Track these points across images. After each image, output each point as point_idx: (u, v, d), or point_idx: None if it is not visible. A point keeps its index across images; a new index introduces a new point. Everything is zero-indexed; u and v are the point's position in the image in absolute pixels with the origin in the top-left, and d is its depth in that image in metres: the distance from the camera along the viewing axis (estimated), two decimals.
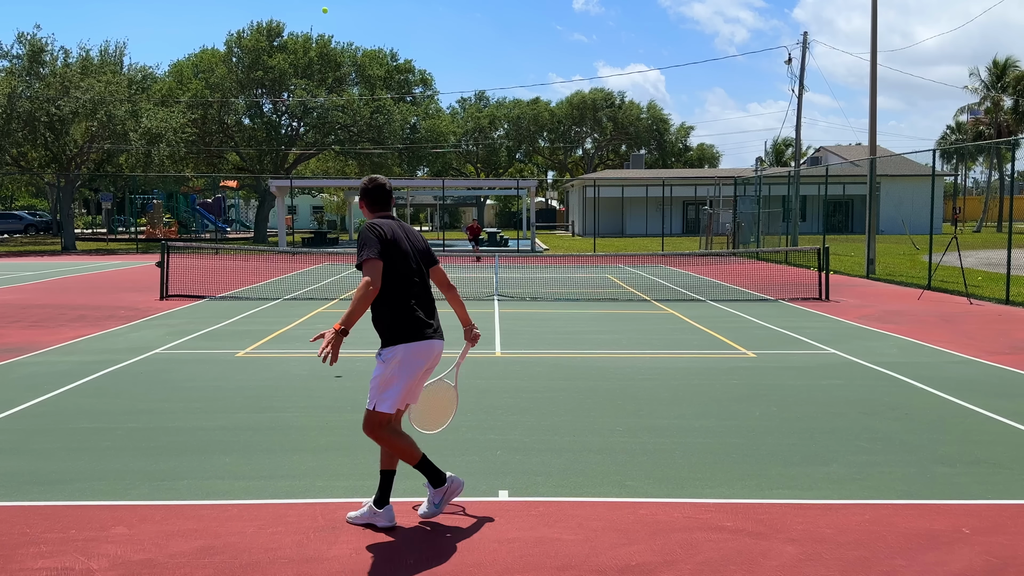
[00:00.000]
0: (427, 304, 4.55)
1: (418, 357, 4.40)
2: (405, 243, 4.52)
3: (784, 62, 31.56)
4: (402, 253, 4.46)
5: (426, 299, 4.56)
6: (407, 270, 4.47)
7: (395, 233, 4.48)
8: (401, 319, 4.40)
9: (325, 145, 45.96)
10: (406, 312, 4.41)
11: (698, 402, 7.31)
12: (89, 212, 65.97)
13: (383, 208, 4.66)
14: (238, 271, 22.48)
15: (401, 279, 4.43)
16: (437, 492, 4.53)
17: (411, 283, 4.48)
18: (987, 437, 6.23)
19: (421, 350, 4.40)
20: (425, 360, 4.44)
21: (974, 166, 77.34)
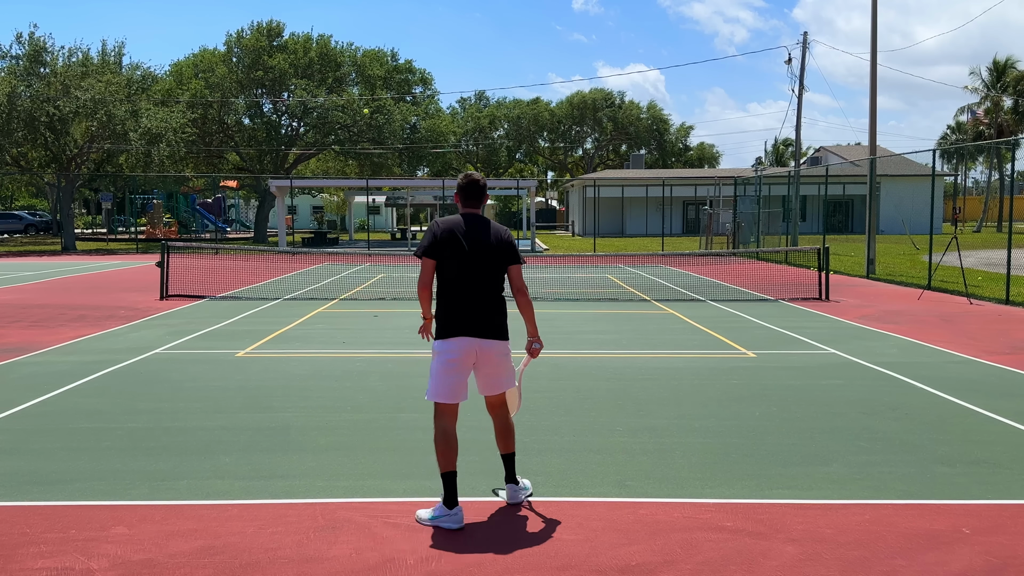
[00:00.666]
0: (475, 302, 4.59)
1: (449, 353, 4.55)
2: (463, 242, 4.58)
3: (784, 62, 31.59)
4: (455, 252, 4.57)
5: (476, 297, 4.60)
6: (456, 268, 4.58)
7: (452, 232, 4.59)
8: (440, 315, 4.62)
9: (325, 145, 45.96)
10: (444, 309, 4.60)
11: (698, 402, 7.31)
12: (89, 212, 65.99)
13: (472, 204, 4.77)
14: (238, 271, 22.48)
15: (447, 277, 4.60)
16: (440, 508, 4.53)
17: (458, 281, 4.58)
18: (987, 437, 6.23)
19: (451, 347, 4.55)
20: (457, 356, 4.55)
21: (974, 166, 77.39)
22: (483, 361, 4.65)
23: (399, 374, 8.54)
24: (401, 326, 12.07)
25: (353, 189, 47.70)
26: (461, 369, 4.60)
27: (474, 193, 4.78)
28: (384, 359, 9.40)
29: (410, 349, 10.07)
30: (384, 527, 4.44)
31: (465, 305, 4.59)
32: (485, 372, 4.69)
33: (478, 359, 4.63)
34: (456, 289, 4.59)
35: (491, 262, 4.64)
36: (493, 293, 4.68)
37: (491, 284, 4.67)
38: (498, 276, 4.70)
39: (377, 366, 8.97)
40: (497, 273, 4.68)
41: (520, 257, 4.79)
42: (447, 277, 4.60)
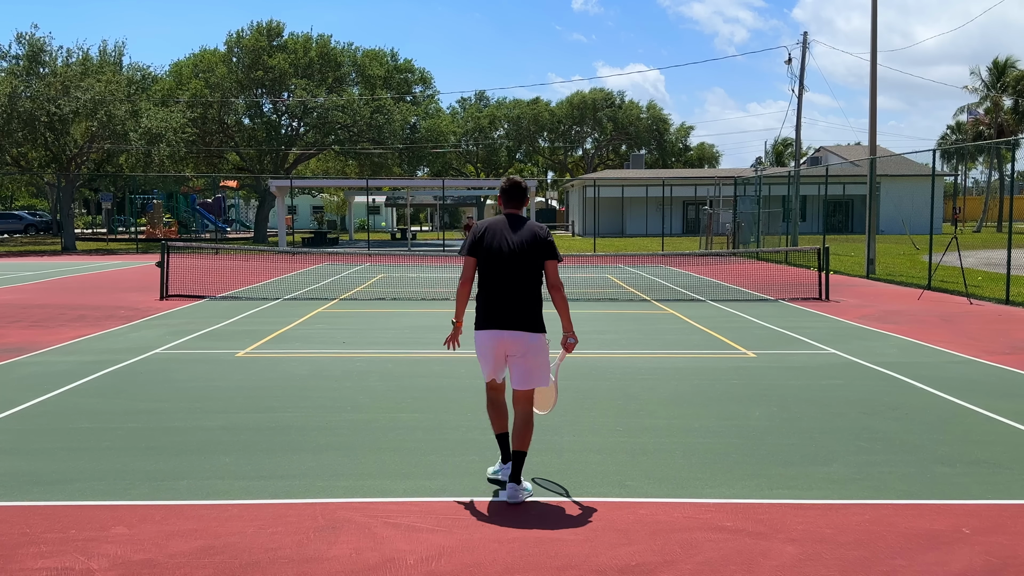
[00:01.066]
0: (506, 296, 4.88)
1: (483, 342, 4.97)
2: (500, 241, 4.91)
3: (784, 62, 31.60)
4: (491, 251, 4.91)
5: (507, 292, 4.88)
6: (489, 266, 4.92)
7: (489, 231, 4.95)
8: (477, 308, 5.01)
9: (325, 145, 45.96)
10: (480, 303, 4.99)
11: (698, 402, 7.31)
12: (89, 212, 65.99)
13: (514, 205, 5.08)
14: (238, 271, 22.48)
15: (483, 274, 4.97)
16: (499, 464, 5.15)
17: (490, 278, 4.93)
18: (987, 437, 6.23)
19: (483, 337, 4.96)
20: (490, 345, 4.93)
21: (974, 166, 77.38)
22: (512, 352, 4.89)
23: (399, 374, 8.54)
24: (401, 326, 12.07)
25: (353, 189, 47.74)
26: (492, 357, 4.94)
27: (515, 195, 5.07)
28: (384, 359, 9.40)
29: (410, 349, 10.07)
30: (384, 527, 4.44)
31: (496, 300, 4.89)
32: (516, 364, 4.92)
33: (508, 350, 4.90)
34: (490, 285, 4.92)
35: (525, 259, 4.88)
36: (525, 288, 4.90)
37: (523, 280, 4.90)
38: (532, 272, 4.91)
39: (377, 366, 8.97)
40: (530, 270, 4.90)
41: (556, 254, 4.97)
42: (483, 274, 4.95)
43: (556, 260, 4.97)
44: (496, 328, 4.87)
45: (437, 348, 10.10)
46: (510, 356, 4.90)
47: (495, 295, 4.89)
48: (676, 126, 79.15)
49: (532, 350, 4.88)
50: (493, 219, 5.01)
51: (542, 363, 4.96)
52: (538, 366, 4.93)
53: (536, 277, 4.94)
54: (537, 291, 4.96)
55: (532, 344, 4.88)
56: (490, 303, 4.90)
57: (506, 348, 4.88)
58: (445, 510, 4.69)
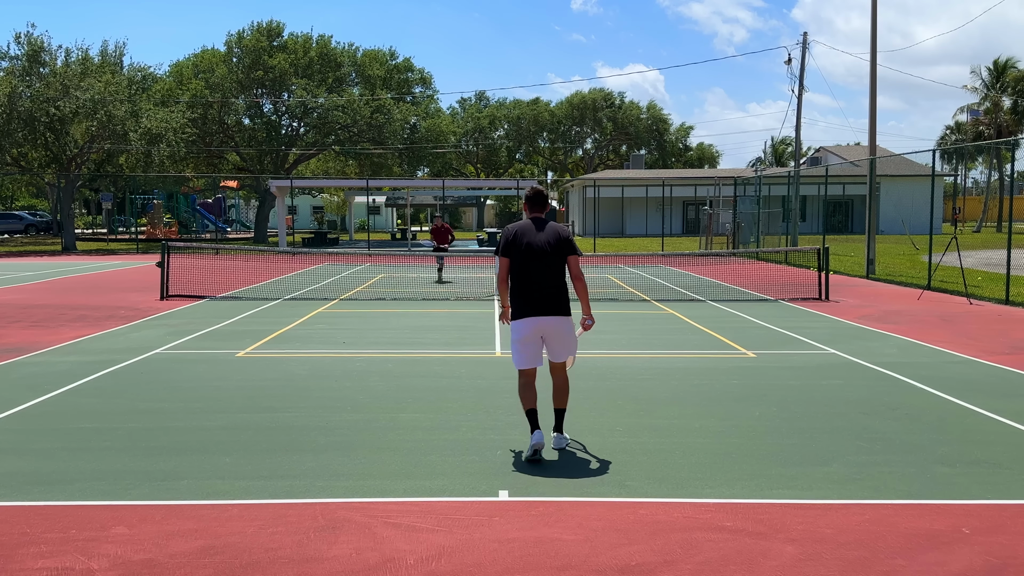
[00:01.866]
0: (536, 288, 5.72)
1: (520, 330, 5.75)
2: (527, 239, 5.75)
3: (784, 62, 31.59)
4: (519, 250, 5.75)
5: (537, 284, 5.72)
6: (520, 264, 5.75)
7: (517, 233, 5.79)
8: (512, 302, 5.83)
9: (325, 145, 45.97)
10: (514, 297, 5.81)
11: (698, 402, 7.31)
12: (89, 212, 65.97)
13: (537, 210, 5.98)
14: (238, 271, 22.48)
15: (514, 271, 5.79)
16: (531, 435, 5.64)
17: (522, 274, 5.75)
18: (987, 437, 6.23)
19: (520, 326, 5.75)
20: (527, 331, 5.72)
21: (974, 166, 77.39)
22: (548, 333, 5.75)
23: (399, 374, 8.54)
24: (401, 326, 12.07)
25: (353, 189, 47.72)
26: (531, 343, 5.75)
27: (537, 202, 5.97)
28: (384, 359, 9.40)
29: (410, 349, 10.07)
30: (384, 527, 4.44)
31: (529, 292, 5.73)
32: (551, 342, 5.78)
33: (544, 333, 5.74)
34: (522, 279, 5.75)
35: (549, 256, 5.73)
36: (553, 280, 5.75)
37: (550, 273, 5.74)
38: (556, 267, 5.77)
39: (377, 366, 8.97)
40: (555, 264, 5.76)
41: (577, 249, 5.87)
42: (515, 271, 5.78)
43: (577, 255, 5.84)
44: (534, 315, 5.69)
45: (437, 348, 10.11)
46: (546, 338, 5.76)
47: (529, 289, 5.72)
48: (676, 126, 79.19)
49: (565, 331, 5.77)
50: (521, 223, 5.87)
51: (572, 338, 5.85)
52: (569, 340, 5.82)
53: (561, 271, 5.80)
54: (564, 282, 5.82)
55: (565, 326, 5.77)
56: (525, 296, 5.73)
57: (543, 332, 5.73)
58: (445, 510, 4.69)
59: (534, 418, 5.72)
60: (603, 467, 5.47)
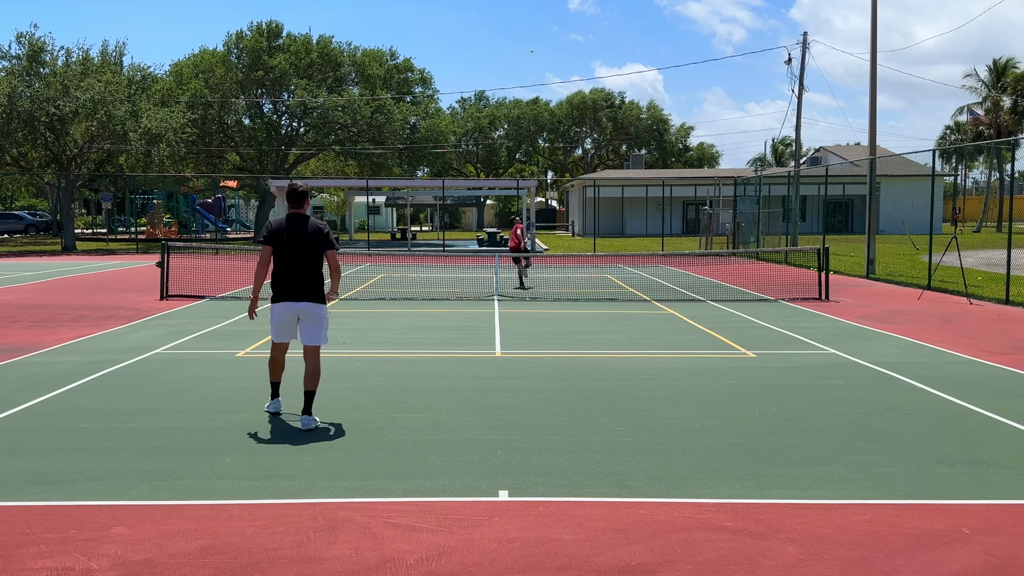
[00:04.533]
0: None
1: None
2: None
3: (784, 62, 31.59)
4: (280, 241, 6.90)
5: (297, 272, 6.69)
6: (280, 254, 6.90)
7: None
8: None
9: (325, 145, 45.95)
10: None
11: (698, 402, 7.31)
12: (89, 212, 65.95)
13: (296, 206, 6.81)
14: (238, 271, 22.48)
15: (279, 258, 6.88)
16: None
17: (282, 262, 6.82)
18: (987, 437, 6.23)
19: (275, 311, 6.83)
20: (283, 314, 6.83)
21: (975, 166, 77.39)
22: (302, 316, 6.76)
23: (399, 374, 8.53)
24: (401, 326, 12.07)
25: (353, 189, 47.71)
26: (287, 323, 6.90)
27: (295, 199, 6.68)
28: (384, 359, 9.40)
29: (410, 349, 10.07)
30: (384, 527, 4.44)
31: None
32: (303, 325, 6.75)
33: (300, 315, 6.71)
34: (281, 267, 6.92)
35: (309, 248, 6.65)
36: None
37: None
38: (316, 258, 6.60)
39: (377, 366, 8.97)
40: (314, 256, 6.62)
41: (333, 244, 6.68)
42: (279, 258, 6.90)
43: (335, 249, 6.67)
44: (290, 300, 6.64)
45: (437, 348, 10.11)
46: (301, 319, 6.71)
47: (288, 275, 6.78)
48: (676, 126, 79.19)
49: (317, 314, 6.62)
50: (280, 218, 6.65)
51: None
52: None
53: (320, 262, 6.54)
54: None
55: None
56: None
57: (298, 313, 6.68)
58: (445, 510, 4.69)
59: (277, 390, 6.90)
60: (603, 467, 5.46)
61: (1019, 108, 57.57)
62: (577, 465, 5.51)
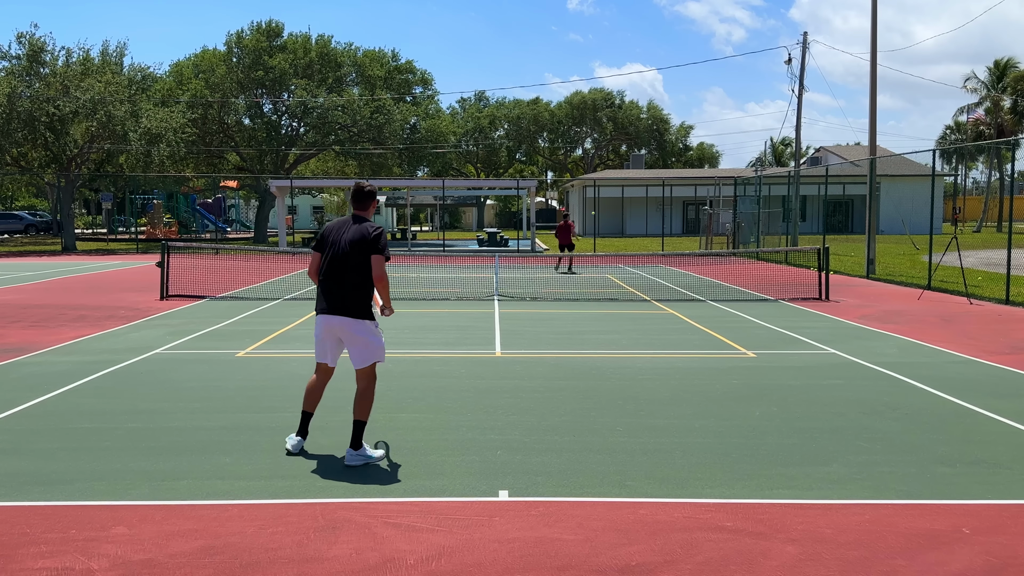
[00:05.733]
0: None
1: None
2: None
3: (784, 62, 31.60)
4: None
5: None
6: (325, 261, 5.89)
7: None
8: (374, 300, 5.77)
9: (325, 145, 45.95)
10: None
11: (698, 402, 7.31)
12: (89, 212, 65.96)
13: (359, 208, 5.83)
14: (238, 271, 22.48)
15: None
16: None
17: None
18: (987, 437, 6.23)
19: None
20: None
21: (975, 166, 77.41)
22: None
23: (399, 374, 8.53)
24: (401, 326, 12.06)
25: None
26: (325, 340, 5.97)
27: (359, 200, 5.73)
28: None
29: (410, 349, 10.06)
30: (384, 527, 4.44)
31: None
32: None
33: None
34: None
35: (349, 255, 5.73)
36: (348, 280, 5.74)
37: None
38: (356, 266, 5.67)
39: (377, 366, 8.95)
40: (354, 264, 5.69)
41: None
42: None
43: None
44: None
45: (437, 348, 10.11)
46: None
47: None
48: (676, 126, 79.19)
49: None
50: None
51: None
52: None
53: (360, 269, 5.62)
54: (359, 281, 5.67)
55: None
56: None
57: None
58: (445, 510, 4.69)
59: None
60: (603, 467, 5.46)
61: (1019, 108, 57.57)
62: (577, 465, 5.51)
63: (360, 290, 5.57)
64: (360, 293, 5.57)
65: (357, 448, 5.48)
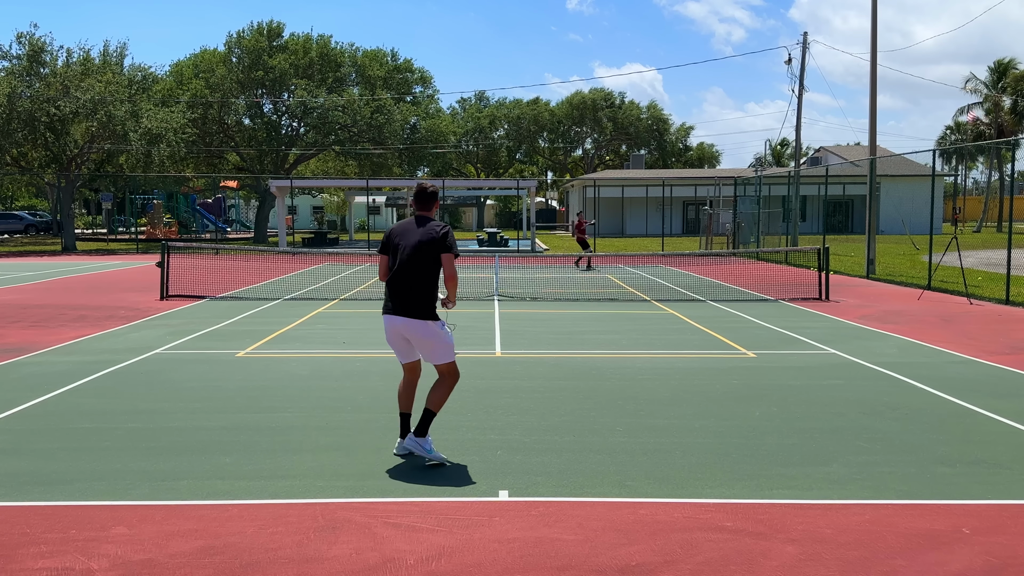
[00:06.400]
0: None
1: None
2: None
3: (784, 62, 31.60)
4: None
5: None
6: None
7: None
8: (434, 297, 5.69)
9: (325, 145, 45.95)
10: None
11: (698, 402, 7.31)
12: (89, 212, 65.94)
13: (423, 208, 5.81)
14: (238, 271, 22.48)
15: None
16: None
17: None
18: (987, 437, 6.23)
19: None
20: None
21: (975, 166, 77.43)
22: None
23: (399, 374, 8.51)
24: None
25: (353, 189, 47.72)
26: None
27: (422, 201, 5.72)
28: (384, 359, 9.39)
29: None
30: (384, 527, 4.44)
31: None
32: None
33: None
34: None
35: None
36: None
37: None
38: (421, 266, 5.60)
39: (377, 366, 8.96)
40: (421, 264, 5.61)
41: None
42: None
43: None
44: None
45: None
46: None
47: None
48: (676, 126, 79.20)
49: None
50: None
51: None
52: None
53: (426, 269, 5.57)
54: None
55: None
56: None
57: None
58: (445, 510, 4.69)
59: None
60: (603, 467, 5.46)
61: (1019, 108, 57.58)
62: (577, 465, 5.51)
63: (425, 291, 5.51)
64: (425, 294, 5.51)
65: (420, 436, 5.49)
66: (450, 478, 5.24)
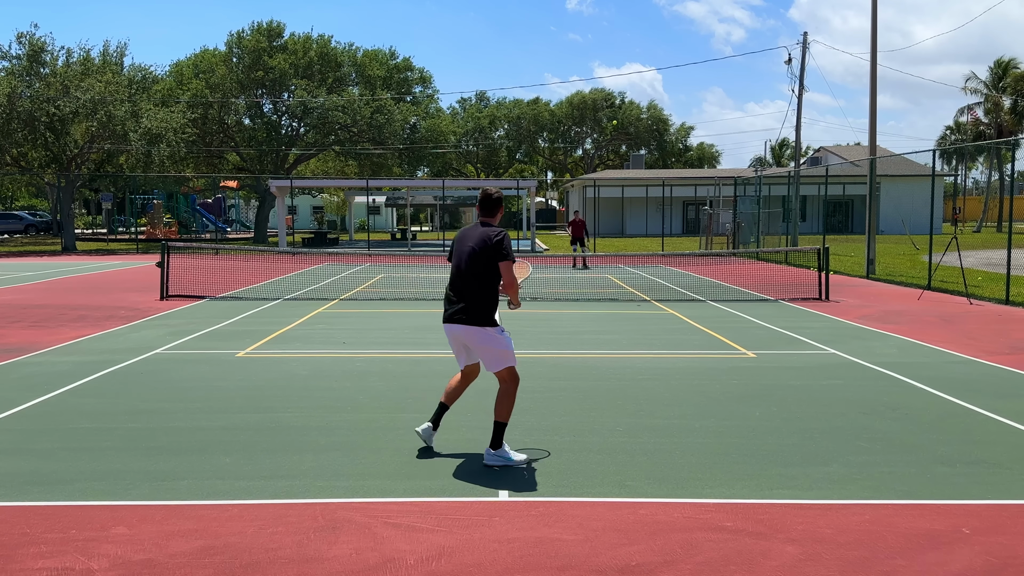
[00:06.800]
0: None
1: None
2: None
3: (784, 62, 31.61)
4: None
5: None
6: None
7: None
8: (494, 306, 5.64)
9: (325, 145, 45.97)
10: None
11: (698, 402, 7.31)
12: (89, 212, 65.96)
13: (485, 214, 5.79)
14: (238, 271, 22.48)
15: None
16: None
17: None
18: (987, 437, 6.23)
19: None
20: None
21: (974, 166, 77.43)
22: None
23: (399, 374, 8.53)
24: (401, 326, 12.07)
25: (353, 189, 47.71)
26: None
27: (485, 207, 5.75)
28: (384, 359, 9.40)
29: (410, 349, 10.07)
30: (384, 527, 4.44)
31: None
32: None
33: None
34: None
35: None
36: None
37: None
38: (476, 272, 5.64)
39: (377, 366, 8.96)
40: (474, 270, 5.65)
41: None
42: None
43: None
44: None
45: (437, 348, 10.10)
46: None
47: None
48: (676, 126, 79.20)
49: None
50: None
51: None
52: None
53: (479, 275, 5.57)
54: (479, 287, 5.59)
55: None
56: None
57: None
58: (445, 510, 4.69)
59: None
60: (603, 467, 5.46)
61: (1019, 108, 57.58)
62: (577, 465, 5.51)
63: (480, 297, 5.46)
64: (481, 300, 5.46)
65: (496, 448, 5.46)
66: (450, 478, 5.24)
